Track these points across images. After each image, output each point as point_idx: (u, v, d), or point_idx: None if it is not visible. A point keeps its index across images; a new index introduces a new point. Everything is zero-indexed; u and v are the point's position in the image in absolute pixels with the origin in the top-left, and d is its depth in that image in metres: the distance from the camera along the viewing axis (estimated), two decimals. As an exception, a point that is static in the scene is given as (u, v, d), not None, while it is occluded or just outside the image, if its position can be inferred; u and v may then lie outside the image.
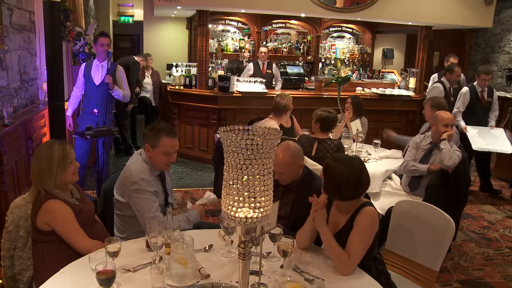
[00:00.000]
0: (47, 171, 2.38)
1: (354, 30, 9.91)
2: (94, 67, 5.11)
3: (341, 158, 2.39)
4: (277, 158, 2.67)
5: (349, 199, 2.33)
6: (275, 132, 1.53)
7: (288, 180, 2.80)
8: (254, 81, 7.04)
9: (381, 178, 4.16)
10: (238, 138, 1.41)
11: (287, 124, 5.30)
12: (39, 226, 2.35)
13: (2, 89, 4.18)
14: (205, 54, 6.98)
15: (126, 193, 2.72)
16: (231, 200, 1.47)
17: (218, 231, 2.59)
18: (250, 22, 9.02)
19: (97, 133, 4.16)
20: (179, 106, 7.22)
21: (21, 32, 4.77)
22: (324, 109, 4.22)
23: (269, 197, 1.52)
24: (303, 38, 9.68)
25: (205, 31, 6.93)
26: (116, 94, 5.11)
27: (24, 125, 4.40)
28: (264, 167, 1.46)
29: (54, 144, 2.44)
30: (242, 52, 9.13)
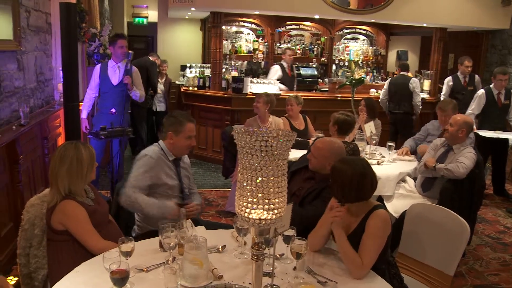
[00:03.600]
0: (79, 172, 2.41)
1: (368, 32, 9.86)
2: (111, 67, 5.14)
3: (346, 160, 2.42)
4: (318, 142, 2.97)
5: (354, 200, 2.32)
6: (290, 133, 1.53)
7: (313, 166, 2.95)
8: (268, 82, 7.04)
9: (394, 180, 4.13)
10: (253, 139, 1.42)
11: (301, 126, 5.30)
12: (54, 225, 2.37)
13: (19, 89, 4.24)
14: (219, 55, 7.01)
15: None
16: (245, 202, 1.48)
17: (231, 232, 2.59)
18: (263, 23, 9.03)
19: (111, 133, 4.19)
20: (192, 107, 7.25)
21: (38, 33, 4.83)
22: (342, 112, 4.21)
23: (283, 199, 1.52)
24: (317, 39, 9.66)
25: (219, 32, 6.95)
26: (134, 95, 5.16)
27: (40, 125, 4.46)
28: (278, 168, 1.46)
29: (79, 146, 2.46)
30: (256, 54, 9.13)
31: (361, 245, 2.25)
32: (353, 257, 2.21)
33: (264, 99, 5.04)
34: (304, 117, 5.44)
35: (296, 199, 2.89)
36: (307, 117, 5.48)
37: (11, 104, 4.04)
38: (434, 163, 3.91)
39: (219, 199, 5.60)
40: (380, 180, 3.93)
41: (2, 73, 3.82)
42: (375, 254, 2.24)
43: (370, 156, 4.51)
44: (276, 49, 9.18)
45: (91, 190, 2.60)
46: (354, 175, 2.28)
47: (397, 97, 6.78)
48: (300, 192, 2.97)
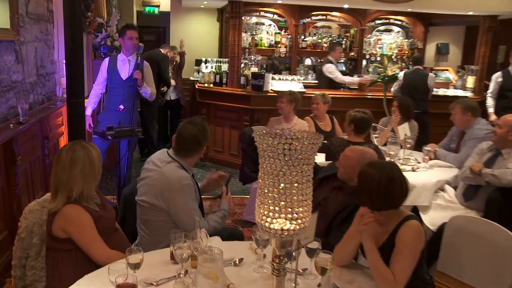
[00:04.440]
0: (92, 173, 2.46)
1: (403, 23, 9.75)
2: (120, 61, 5.17)
3: (374, 163, 2.42)
4: (348, 150, 2.99)
5: (383, 208, 2.31)
6: (315, 136, 1.53)
7: (341, 175, 2.97)
8: (291, 79, 7.04)
9: (431, 189, 4.08)
10: (275, 142, 1.43)
11: (327, 128, 5.29)
12: (55, 232, 2.38)
13: (17, 84, 4.27)
14: (238, 49, 7.03)
15: (166, 200, 2.84)
16: (266, 210, 1.48)
17: (249, 243, 2.60)
18: (287, 14, 9.02)
19: (119, 133, 4.22)
20: (208, 106, 7.29)
21: (38, 22, 4.87)
22: (358, 110, 4.22)
23: (307, 208, 1.52)
24: (346, 32, 9.61)
25: (237, 23, 6.98)
26: (144, 92, 5.16)
27: (40, 124, 4.50)
28: (303, 174, 1.46)
29: (86, 145, 2.50)
30: (278, 47, 9.13)
31: (392, 259, 2.24)
32: (385, 273, 2.19)
33: (288, 98, 5.06)
34: (331, 118, 5.42)
35: (322, 210, 2.87)
36: (334, 118, 5.46)
37: (9, 99, 4.08)
38: (482, 167, 3.84)
39: (236, 207, 5.61)
40: (415, 189, 3.90)
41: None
42: (408, 270, 2.21)
43: (404, 162, 4.47)
44: (301, 42, 9.16)
45: (97, 194, 2.62)
46: (381, 179, 2.28)
47: (413, 94, 6.60)
48: (327, 202, 2.95)
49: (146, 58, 7.08)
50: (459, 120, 4.61)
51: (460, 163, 4.29)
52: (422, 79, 6.73)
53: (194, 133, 2.90)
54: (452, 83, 8.05)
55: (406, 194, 2.35)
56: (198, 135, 2.90)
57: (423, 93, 6.71)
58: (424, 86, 6.71)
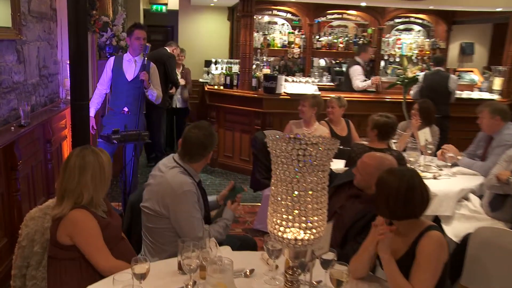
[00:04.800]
0: (102, 179, 2.50)
1: (424, 21, 9.71)
2: (126, 61, 5.20)
3: (393, 170, 2.42)
4: (366, 157, 2.98)
5: (402, 217, 2.30)
6: (331, 141, 1.53)
7: (357, 183, 2.97)
8: (305, 81, 7.04)
9: (454, 198, 4.06)
10: (289, 148, 1.43)
11: (343, 132, 5.28)
12: (60, 239, 2.40)
13: (18, 85, 4.30)
14: (249, 49, 7.05)
15: (167, 206, 2.86)
16: (279, 219, 1.49)
17: (261, 253, 2.60)
18: (300, 12, 9.03)
19: (125, 137, 4.23)
20: (217, 109, 7.31)
21: (41, 20, 4.91)
22: (381, 114, 4.19)
23: (322, 217, 1.52)
24: (363, 31, 9.60)
25: (249, 23, 7.00)
26: (150, 94, 5.19)
27: (42, 127, 4.53)
28: (318, 181, 1.46)
29: (96, 150, 2.54)
30: (291, 48, 9.14)
31: (412, 272, 2.23)
32: (404, 286, 2.18)
33: (310, 101, 5.07)
34: (347, 122, 5.41)
35: (338, 219, 2.87)
36: (350, 122, 5.45)
37: (10, 101, 4.11)
38: (509, 175, 3.80)
39: (246, 215, 5.61)
40: (436, 198, 3.87)
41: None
42: (430, 284, 2.20)
43: (425, 169, 4.44)
44: (315, 42, 9.16)
45: (104, 201, 2.64)
46: (400, 187, 2.27)
47: (433, 97, 6.54)
48: (343, 210, 2.95)
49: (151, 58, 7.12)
50: (487, 124, 4.56)
51: (487, 172, 4.24)
52: (443, 81, 6.69)
53: (200, 138, 2.92)
54: (477, 85, 7.99)
55: (427, 203, 2.34)
56: (204, 140, 2.92)
57: (444, 96, 6.67)
58: (445, 89, 6.67)
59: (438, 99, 6.50)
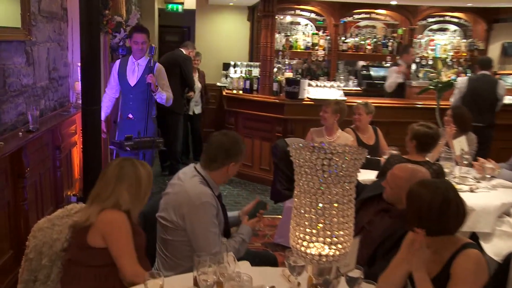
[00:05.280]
0: (138, 194, 2.58)
1: (461, 20, 9.58)
2: (130, 65, 5.32)
3: (426, 182, 2.40)
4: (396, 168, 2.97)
5: (435, 234, 2.27)
6: (358, 150, 1.53)
7: (387, 197, 2.96)
8: (330, 86, 7.03)
9: (494, 213, 3.99)
10: (313, 157, 1.43)
11: (370, 141, 5.26)
12: (91, 241, 2.46)
13: (27, 88, 4.35)
14: (270, 51, 7.07)
15: (183, 216, 2.87)
16: (302, 233, 1.49)
17: (282, 270, 2.59)
18: (325, 12, 9.03)
19: (138, 144, 4.26)
20: (236, 115, 7.35)
21: (51, 20, 4.97)
22: (423, 123, 4.13)
23: (349, 231, 1.52)
24: (393, 32, 9.56)
25: (270, 23, 7.02)
26: (159, 97, 5.25)
27: (51, 132, 4.57)
28: (344, 193, 1.46)
29: (136, 163, 2.62)
30: (315, 50, 9.14)
31: (448, 295, 2.20)
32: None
33: (333, 107, 5.06)
34: (374, 129, 5.39)
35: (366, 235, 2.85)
36: (378, 130, 5.43)
37: (18, 105, 4.15)
38: None
39: (266, 228, 5.61)
40: (474, 212, 3.82)
41: (8, 68, 3.92)
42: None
43: (461, 181, 4.39)
44: (341, 44, 9.14)
45: None
46: (434, 200, 2.25)
47: (478, 105, 6.42)
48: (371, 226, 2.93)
49: (167, 61, 7.16)
50: None
51: None
52: (490, 86, 6.55)
53: (224, 142, 2.94)
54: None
55: (463, 218, 2.31)
56: (227, 145, 2.93)
57: (490, 104, 6.53)
58: (492, 95, 6.52)
59: (483, 106, 6.39)
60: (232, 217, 3.27)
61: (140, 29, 5.39)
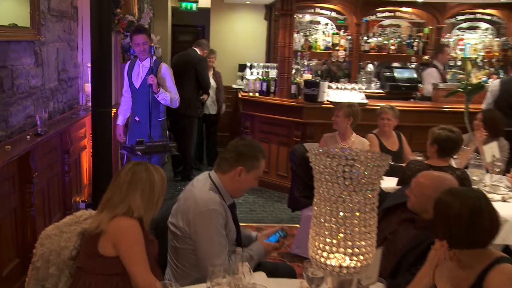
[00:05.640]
0: (151, 200, 2.59)
1: (494, 18, 9.40)
2: (136, 66, 5.41)
3: (455, 191, 2.37)
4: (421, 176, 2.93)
5: (465, 246, 2.25)
6: (382, 157, 1.53)
7: (412, 206, 2.92)
8: (351, 88, 7.01)
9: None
10: (334, 163, 1.43)
11: (394, 147, 5.23)
12: (102, 249, 2.47)
13: (35, 90, 4.40)
14: (288, 52, 7.07)
15: (189, 223, 2.86)
16: (322, 243, 1.49)
17: (299, 282, 2.59)
18: (347, 10, 9.00)
19: (150, 148, 4.27)
20: (252, 118, 7.35)
21: (61, 20, 5.03)
22: (444, 127, 4.11)
23: (371, 242, 1.51)
24: (418, 31, 9.50)
25: (289, 22, 7.03)
26: (163, 99, 5.27)
27: (60, 136, 4.61)
28: (366, 202, 1.46)
29: (150, 167, 2.65)
30: (336, 51, 9.11)
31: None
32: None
33: (345, 111, 5.03)
34: (398, 135, 5.36)
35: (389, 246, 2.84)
36: (401, 135, 5.40)
37: (26, 107, 4.20)
38: None
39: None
40: (507, 224, 3.77)
41: (16, 69, 3.97)
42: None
43: (492, 189, 4.35)
44: (363, 44, 9.09)
45: None
46: (463, 210, 2.22)
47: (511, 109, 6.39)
48: (395, 237, 2.92)
49: (180, 62, 7.20)
50: None
51: None
52: None
53: (238, 144, 2.96)
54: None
55: (496, 230, 2.27)
56: (241, 147, 2.93)
57: None
58: None
59: None
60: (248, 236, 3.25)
61: (139, 30, 5.44)
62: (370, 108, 6.42)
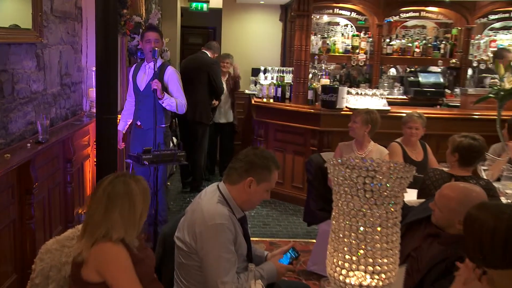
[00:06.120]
0: (132, 217, 2.49)
1: (530, 16, 9.42)
2: (142, 68, 5.42)
3: (488, 205, 2.32)
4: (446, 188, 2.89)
5: (500, 266, 2.22)
6: (406, 168, 1.53)
7: (436, 220, 2.90)
8: (372, 94, 7.00)
9: None
10: (354, 175, 1.43)
11: (419, 157, 5.21)
12: (86, 276, 2.41)
13: (37, 95, 4.42)
14: (305, 55, 7.08)
15: (195, 238, 2.85)
16: (340, 260, 1.48)
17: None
18: (368, 10, 8.98)
19: (158, 158, 4.26)
20: (266, 126, 7.37)
21: (64, 21, 5.07)
22: (466, 134, 4.09)
23: (393, 259, 1.51)
24: (445, 32, 9.48)
25: (305, 24, 7.04)
26: (168, 105, 5.25)
27: (62, 144, 4.64)
28: (388, 216, 1.46)
29: (128, 180, 2.54)
30: (356, 54, 9.10)
31: None
32: None
33: (363, 117, 5.02)
34: (422, 144, 5.34)
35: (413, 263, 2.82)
36: (426, 145, 5.38)
37: (26, 114, 4.22)
38: None
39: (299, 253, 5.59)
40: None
41: (17, 73, 3.99)
42: None
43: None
44: (385, 47, 9.07)
45: None
46: (498, 227, 2.19)
47: None
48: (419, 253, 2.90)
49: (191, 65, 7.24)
50: None
51: None
52: None
53: (249, 153, 2.95)
54: None
55: None
56: (252, 157, 2.92)
57: None
58: None
59: None
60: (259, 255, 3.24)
61: (152, 28, 5.51)
62: (392, 116, 6.41)
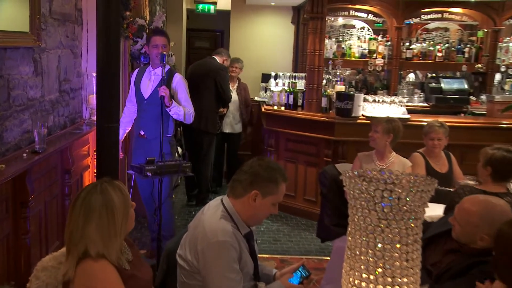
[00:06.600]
0: (112, 228, 2.43)
1: None
2: (146, 73, 5.43)
3: None
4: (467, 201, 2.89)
5: None
6: (427, 181, 1.53)
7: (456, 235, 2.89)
8: (390, 102, 7.00)
9: None
10: (371, 188, 1.43)
11: (443, 168, 5.20)
12: None
13: (34, 102, 4.43)
14: (319, 60, 7.10)
15: (197, 256, 2.84)
16: (357, 279, 1.48)
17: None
18: (386, 12, 8.96)
19: (161, 169, 4.27)
20: (277, 135, 7.38)
21: (64, 23, 5.08)
22: (499, 146, 4.06)
23: (414, 278, 1.51)
24: (470, 35, 9.45)
25: (319, 26, 7.05)
26: (175, 113, 5.26)
27: (60, 154, 4.65)
28: (408, 232, 1.46)
29: (106, 188, 2.47)
30: (373, 59, 9.09)
31: None
32: None
33: (384, 126, 5.01)
34: (447, 155, 5.33)
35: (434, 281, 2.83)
36: (451, 155, 5.36)
37: (23, 122, 4.22)
38: None
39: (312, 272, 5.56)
40: None
41: (13, 79, 3.99)
42: None
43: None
44: (404, 51, 9.05)
45: (128, 248, 2.64)
46: None
47: None
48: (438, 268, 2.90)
49: (198, 71, 7.27)
50: None
51: None
52: None
53: (253, 165, 2.94)
54: None
55: None
56: (257, 168, 2.91)
57: None
58: None
59: None
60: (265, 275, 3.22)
61: (160, 32, 5.53)
62: (412, 124, 6.39)
